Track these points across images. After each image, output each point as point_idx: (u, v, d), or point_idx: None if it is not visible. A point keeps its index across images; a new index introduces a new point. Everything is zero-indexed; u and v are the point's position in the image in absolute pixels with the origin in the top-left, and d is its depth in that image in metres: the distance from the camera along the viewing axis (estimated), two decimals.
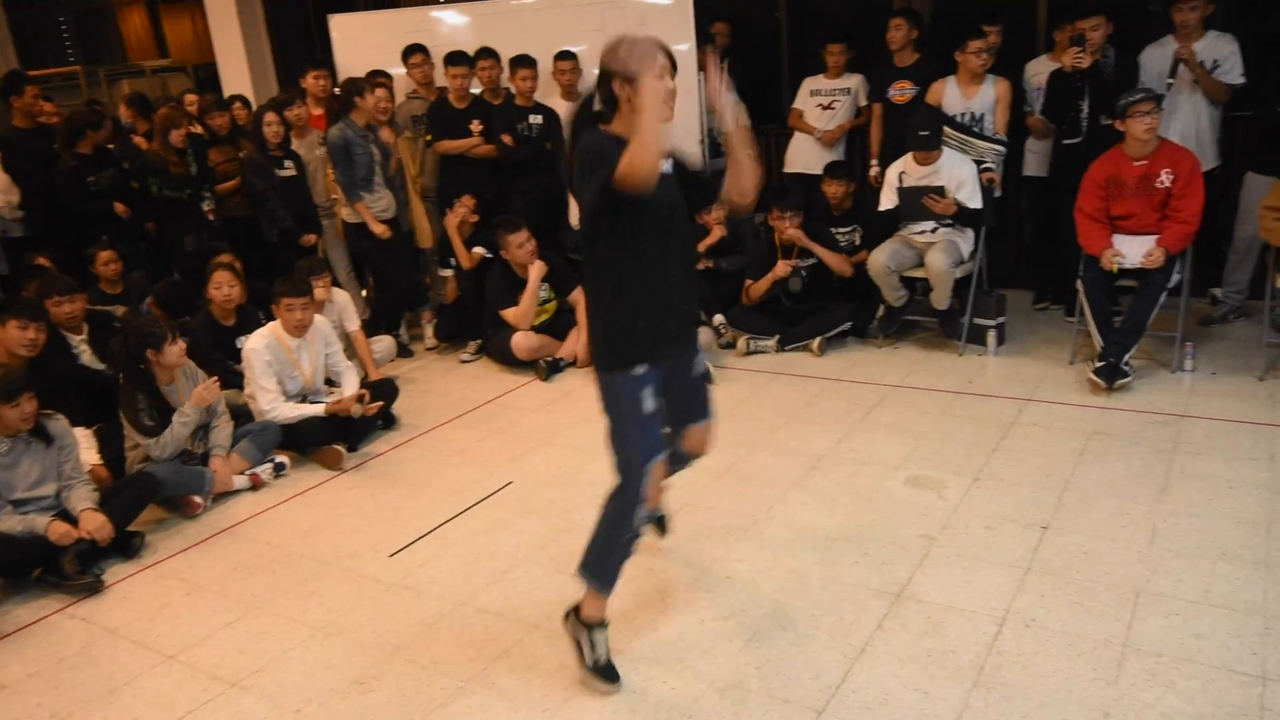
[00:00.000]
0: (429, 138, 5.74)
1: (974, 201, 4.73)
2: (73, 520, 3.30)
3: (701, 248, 5.23)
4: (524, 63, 5.57)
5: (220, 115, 5.72)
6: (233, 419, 4.11)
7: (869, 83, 5.63)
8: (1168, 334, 4.43)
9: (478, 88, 5.75)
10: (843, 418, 4.15)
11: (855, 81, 5.67)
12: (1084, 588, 2.74)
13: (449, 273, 5.72)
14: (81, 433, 3.84)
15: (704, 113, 5.89)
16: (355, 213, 5.31)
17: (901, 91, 5.31)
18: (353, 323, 4.96)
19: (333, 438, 4.19)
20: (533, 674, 2.59)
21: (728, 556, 3.08)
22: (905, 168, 4.86)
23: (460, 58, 5.61)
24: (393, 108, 5.66)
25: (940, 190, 4.67)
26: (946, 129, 4.88)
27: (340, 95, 5.34)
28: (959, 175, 4.73)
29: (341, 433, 4.23)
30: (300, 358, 4.29)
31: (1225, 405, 3.93)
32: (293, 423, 4.16)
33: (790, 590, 2.87)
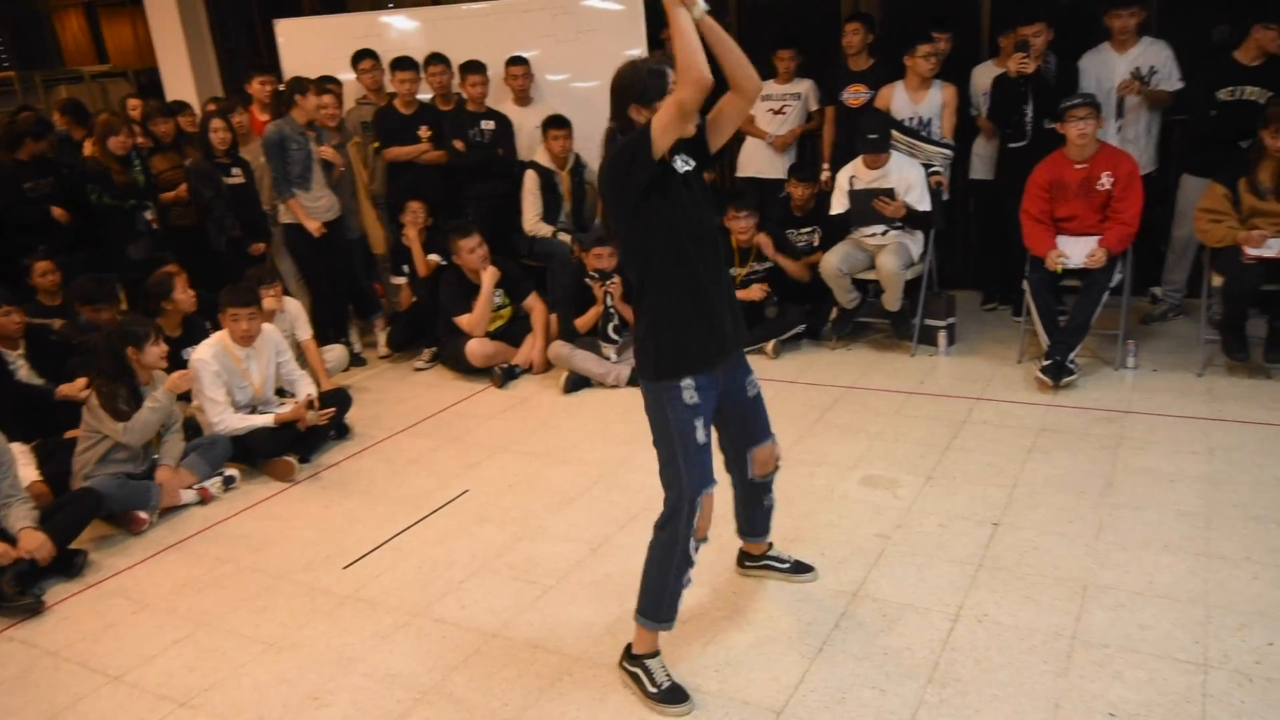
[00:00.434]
0: (377, 144, 5.68)
1: (923, 204, 4.81)
2: (11, 539, 3.20)
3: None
4: (474, 69, 5.53)
5: (164, 121, 5.59)
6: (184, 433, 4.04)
7: (819, 87, 5.69)
8: (1110, 332, 4.55)
9: (427, 93, 5.71)
10: (798, 419, 4.18)
11: (805, 86, 5.73)
12: (1034, 582, 2.80)
13: (402, 280, 5.66)
14: (19, 449, 3.74)
15: None
16: (289, 211, 5.23)
17: (856, 95, 5.38)
18: (304, 332, 4.88)
19: (284, 449, 4.11)
20: (491, 683, 2.56)
21: None
22: (855, 171, 4.92)
23: (407, 63, 5.56)
24: (340, 114, 5.59)
25: (890, 193, 4.74)
26: (895, 133, 4.95)
27: (284, 92, 5.27)
28: (908, 178, 4.81)
29: (293, 444, 4.16)
30: (249, 367, 4.21)
31: (1166, 401, 4.04)
32: (242, 434, 4.08)
33: (748, 592, 2.88)
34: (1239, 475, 3.34)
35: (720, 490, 2.48)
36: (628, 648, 2.52)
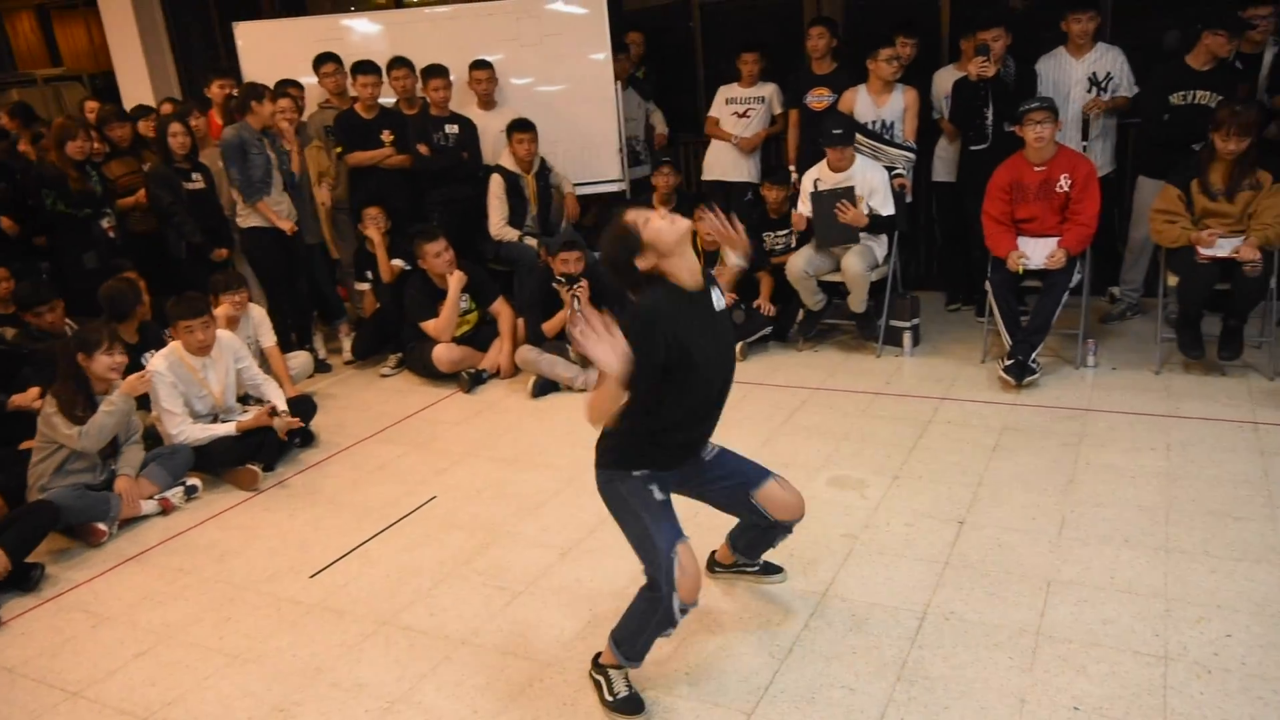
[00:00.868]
0: (339, 150, 5.63)
1: (887, 207, 4.86)
2: None
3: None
4: (436, 73, 5.50)
5: (121, 126, 5.49)
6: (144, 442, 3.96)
7: (783, 91, 5.74)
8: (1071, 331, 4.63)
9: (390, 97, 5.66)
10: (765, 421, 4.20)
11: (769, 90, 5.77)
12: (999, 579, 2.83)
13: (366, 286, 5.61)
14: None
15: (621, 122, 5.92)
16: (254, 215, 5.13)
17: (820, 99, 5.43)
18: (268, 338, 4.82)
19: (247, 458, 4.05)
20: (460, 691, 2.54)
21: None
22: (820, 174, 4.96)
23: (369, 67, 5.51)
24: (300, 118, 5.52)
25: (850, 192, 4.78)
26: (859, 136, 5.00)
27: (237, 98, 5.20)
28: (871, 181, 4.86)
29: (257, 452, 4.10)
30: (207, 376, 4.15)
31: (1125, 398, 4.12)
32: (204, 444, 4.02)
33: (718, 594, 2.89)
34: (1196, 471, 3.41)
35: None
36: (597, 655, 2.51)
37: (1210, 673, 2.34)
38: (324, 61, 5.71)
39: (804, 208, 5.01)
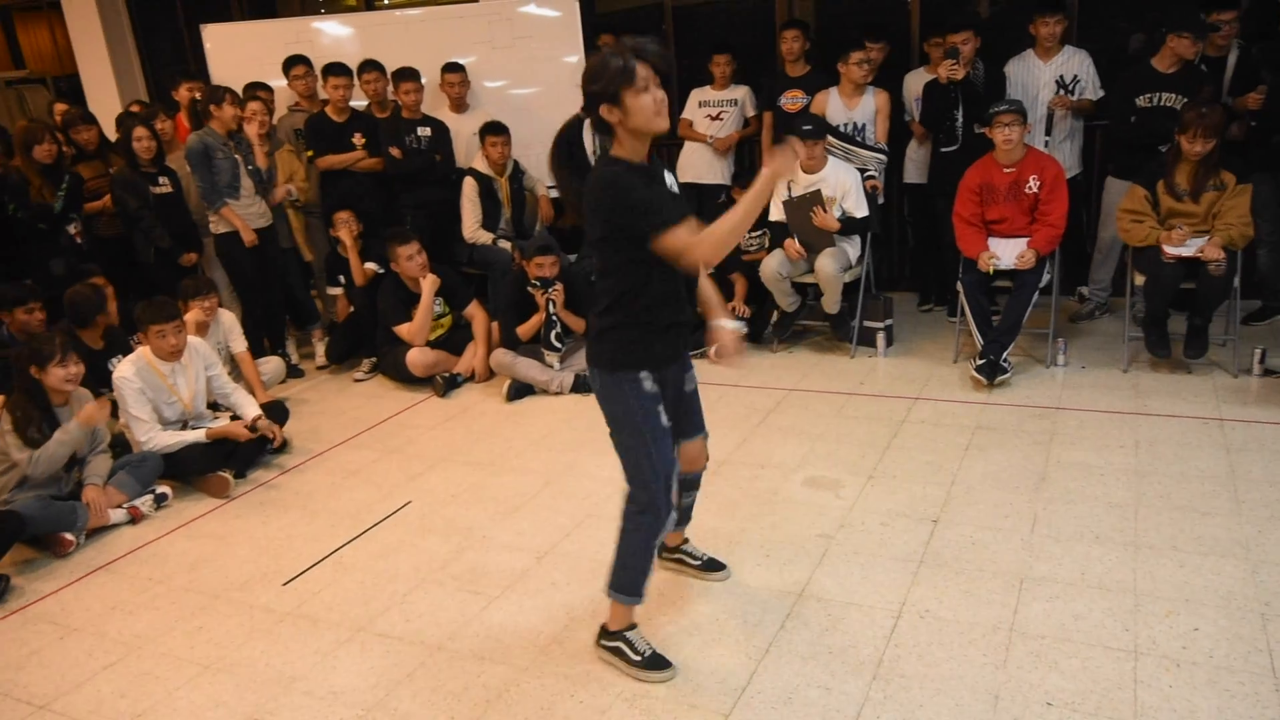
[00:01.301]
0: (310, 153, 5.58)
1: (860, 209, 4.89)
2: None
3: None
4: (407, 76, 5.47)
5: (87, 129, 5.41)
6: (111, 450, 3.90)
7: (755, 94, 5.76)
8: (1041, 331, 4.68)
9: (361, 100, 5.63)
10: (741, 423, 4.22)
11: (742, 93, 5.79)
12: (973, 577, 2.86)
13: (338, 291, 5.57)
14: None
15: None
16: (223, 221, 5.11)
17: (794, 100, 5.46)
18: (239, 344, 4.76)
19: (218, 464, 4.00)
20: (437, 697, 2.53)
21: None
22: (792, 176, 4.98)
23: (340, 69, 5.47)
24: (271, 121, 5.47)
25: (819, 195, 4.81)
26: (831, 138, 5.03)
27: (200, 103, 5.16)
28: (844, 183, 4.89)
29: (228, 459, 4.05)
30: (176, 382, 4.09)
31: (1094, 397, 4.17)
32: (174, 451, 3.97)
33: (694, 595, 2.89)
34: (1164, 467, 3.46)
35: None
36: (603, 628, 2.55)
37: (1179, 666, 2.38)
38: (294, 64, 5.66)
39: (776, 210, 5.03)
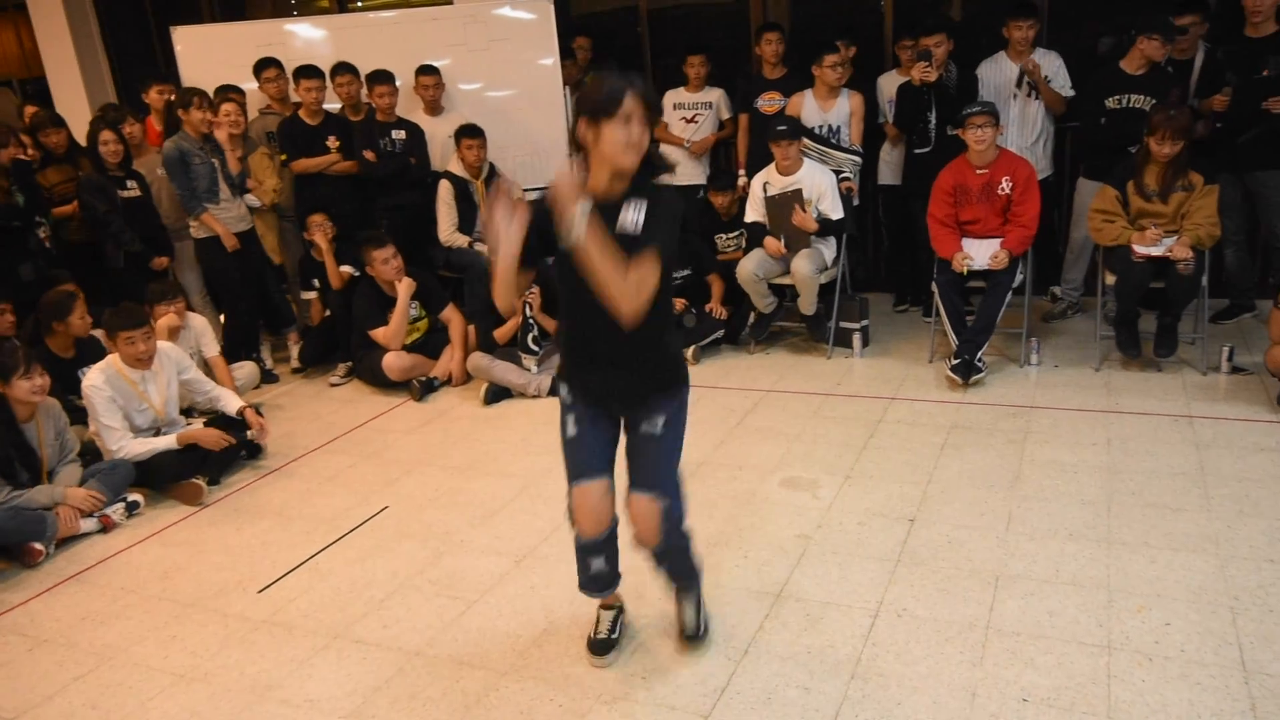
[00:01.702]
0: (284, 156, 5.53)
1: (835, 211, 4.92)
2: None
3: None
4: (381, 79, 5.44)
5: (55, 132, 5.32)
6: (81, 459, 3.85)
7: (729, 96, 5.78)
8: (1014, 331, 4.73)
9: (334, 103, 5.59)
10: (719, 424, 4.22)
11: (716, 95, 5.81)
12: (949, 575, 2.88)
13: (313, 295, 5.52)
14: None
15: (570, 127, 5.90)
16: (202, 227, 5.06)
17: (771, 102, 5.49)
18: (211, 348, 4.72)
19: (191, 471, 3.95)
20: (415, 703, 2.51)
21: None
22: (769, 178, 5.01)
23: (313, 71, 5.43)
24: (245, 123, 5.42)
25: (799, 195, 4.83)
26: (806, 141, 5.06)
27: (172, 103, 5.11)
28: (820, 185, 4.91)
29: (201, 466, 4.00)
30: (147, 389, 4.04)
31: (1067, 395, 4.22)
32: (145, 458, 3.91)
33: (673, 598, 2.88)
34: (1135, 464, 3.50)
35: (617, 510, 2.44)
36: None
37: (1151, 660, 2.41)
38: (265, 66, 5.61)
39: (753, 211, 5.05)
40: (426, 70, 5.63)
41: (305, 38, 5.98)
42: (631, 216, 2.14)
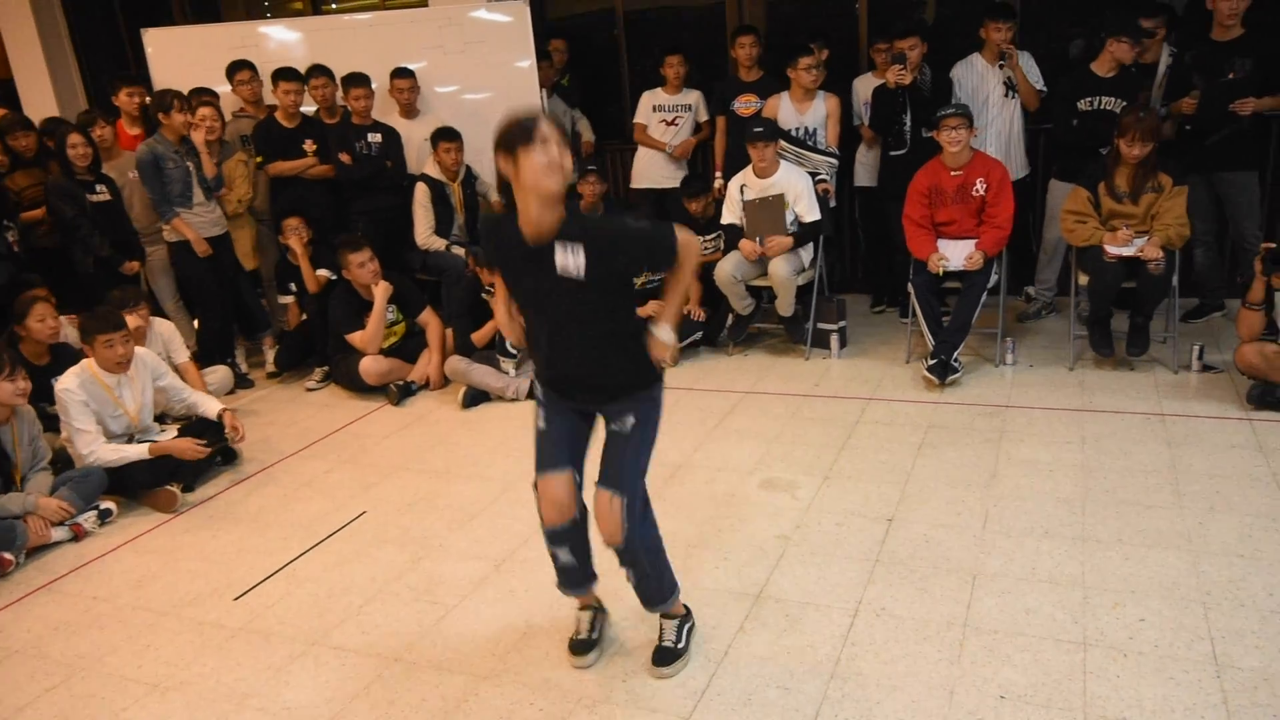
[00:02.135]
0: (259, 159, 5.48)
1: (812, 213, 4.94)
2: None
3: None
4: (357, 82, 5.41)
5: (25, 135, 5.24)
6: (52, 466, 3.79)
7: (707, 99, 5.79)
8: (990, 331, 4.77)
9: (310, 106, 5.54)
10: (697, 426, 4.23)
11: (694, 98, 5.82)
12: (927, 574, 2.90)
13: (289, 299, 5.47)
14: None
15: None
16: (174, 232, 5.01)
17: (747, 105, 5.50)
18: (180, 354, 4.67)
19: (165, 478, 3.91)
20: (394, 709, 2.49)
21: None
22: (746, 180, 5.02)
23: (290, 74, 5.39)
24: (222, 128, 5.37)
25: (781, 199, 4.85)
26: (783, 143, 5.08)
27: (150, 106, 5.05)
28: (796, 187, 4.93)
29: (175, 473, 3.95)
30: (122, 395, 3.99)
31: (1042, 394, 4.26)
32: (117, 465, 3.86)
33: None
34: (1109, 462, 3.54)
35: None
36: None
37: (1126, 656, 2.43)
38: (238, 69, 5.56)
39: (729, 214, 5.06)
40: (401, 73, 5.60)
41: (279, 40, 5.93)
42: (571, 261, 2.18)
